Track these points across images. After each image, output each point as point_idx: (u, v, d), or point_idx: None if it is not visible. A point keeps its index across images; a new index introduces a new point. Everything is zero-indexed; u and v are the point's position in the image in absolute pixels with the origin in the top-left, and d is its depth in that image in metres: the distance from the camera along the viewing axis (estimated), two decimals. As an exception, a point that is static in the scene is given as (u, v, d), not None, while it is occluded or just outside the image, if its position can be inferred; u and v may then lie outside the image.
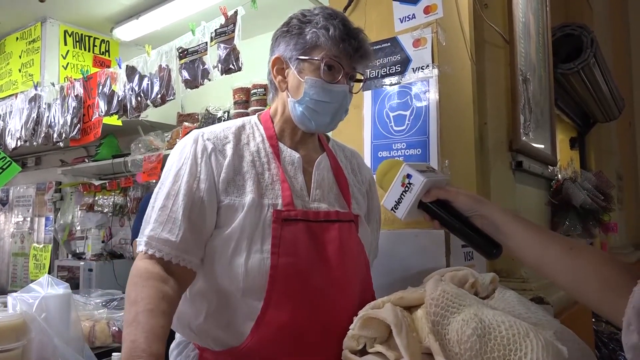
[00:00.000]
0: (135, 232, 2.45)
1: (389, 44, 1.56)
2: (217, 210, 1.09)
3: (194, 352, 1.15)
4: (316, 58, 1.11)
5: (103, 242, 4.05)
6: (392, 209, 1.07)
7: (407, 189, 1.04)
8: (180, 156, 1.12)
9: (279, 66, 1.17)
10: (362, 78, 1.21)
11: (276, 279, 1.04)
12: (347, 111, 1.19)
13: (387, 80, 1.56)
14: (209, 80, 2.49)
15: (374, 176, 1.28)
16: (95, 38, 3.89)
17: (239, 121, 1.22)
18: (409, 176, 1.04)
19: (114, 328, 1.41)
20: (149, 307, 0.95)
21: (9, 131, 3.66)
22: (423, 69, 1.50)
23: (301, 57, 1.12)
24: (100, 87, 3.07)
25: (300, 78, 1.12)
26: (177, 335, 1.24)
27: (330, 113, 1.14)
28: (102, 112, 3.03)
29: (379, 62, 1.58)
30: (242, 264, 1.05)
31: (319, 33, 1.10)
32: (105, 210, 3.93)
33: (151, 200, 1.12)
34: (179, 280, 1.04)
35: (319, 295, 1.08)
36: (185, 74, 2.57)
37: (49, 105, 3.42)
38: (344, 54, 1.11)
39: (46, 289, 1.21)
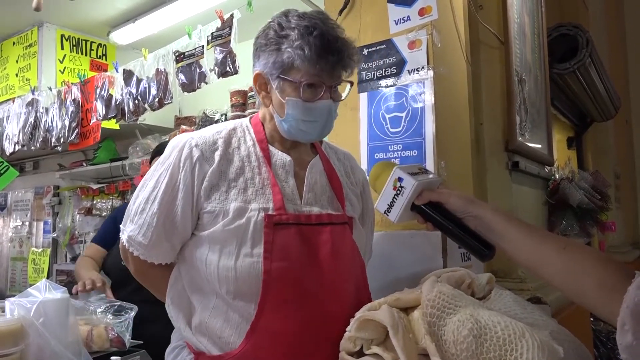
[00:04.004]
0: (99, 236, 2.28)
1: (384, 46, 1.56)
2: (200, 216, 1.12)
3: (189, 357, 1.15)
4: (294, 80, 1.08)
5: (101, 245, 4.03)
6: (385, 212, 1.07)
7: (398, 192, 1.04)
8: (165, 161, 1.14)
9: (261, 82, 1.15)
10: (351, 82, 1.18)
11: (270, 284, 1.04)
12: (336, 117, 1.17)
13: (382, 82, 1.56)
14: (206, 83, 2.50)
15: (367, 178, 1.29)
16: (92, 42, 3.90)
17: (230, 124, 1.22)
18: (400, 179, 1.04)
19: (112, 333, 1.40)
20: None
21: (6, 136, 3.67)
22: (418, 71, 1.50)
23: (281, 75, 1.10)
24: (98, 91, 3.07)
25: (282, 98, 1.10)
26: (173, 339, 1.24)
27: (316, 129, 1.13)
28: (100, 116, 3.04)
29: (374, 64, 1.58)
30: (232, 267, 1.05)
31: (294, 54, 1.06)
32: (104, 214, 3.92)
33: (135, 192, 1.17)
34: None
35: (312, 299, 1.07)
36: (182, 77, 2.58)
37: (47, 110, 3.43)
38: (323, 71, 1.08)
39: (44, 293, 1.21)
